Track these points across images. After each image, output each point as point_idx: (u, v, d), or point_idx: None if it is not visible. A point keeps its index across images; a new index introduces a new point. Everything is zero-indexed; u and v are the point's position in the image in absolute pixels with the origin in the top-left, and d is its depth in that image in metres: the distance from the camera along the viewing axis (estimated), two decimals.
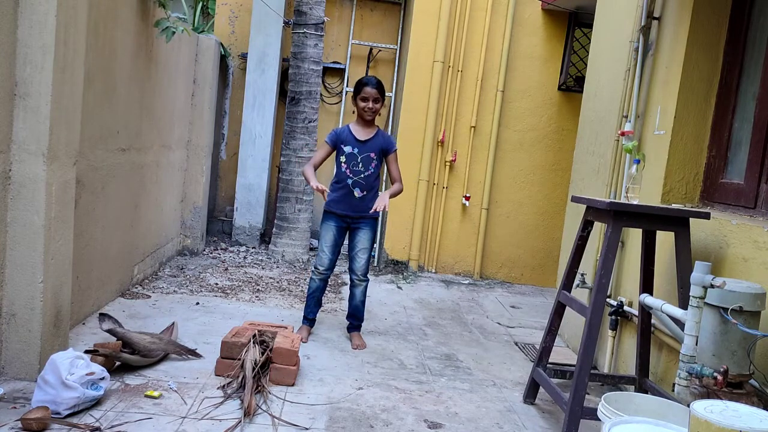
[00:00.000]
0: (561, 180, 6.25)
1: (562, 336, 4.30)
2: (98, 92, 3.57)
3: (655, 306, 2.69)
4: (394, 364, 3.66)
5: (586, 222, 3.11)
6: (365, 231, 3.85)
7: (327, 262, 3.86)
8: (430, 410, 3.04)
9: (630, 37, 3.78)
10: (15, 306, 2.75)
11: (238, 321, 4.00)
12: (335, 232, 3.84)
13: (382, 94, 3.79)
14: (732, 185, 3.01)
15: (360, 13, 6.95)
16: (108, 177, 3.85)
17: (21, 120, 2.68)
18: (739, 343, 2.27)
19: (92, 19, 3.31)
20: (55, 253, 2.84)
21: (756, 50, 2.99)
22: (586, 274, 3.78)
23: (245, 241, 6.56)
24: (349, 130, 3.82)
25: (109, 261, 4.02)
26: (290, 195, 6.12)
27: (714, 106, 3.22)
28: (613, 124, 3.90)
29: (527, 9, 6.15)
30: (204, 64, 5.79)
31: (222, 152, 7.08)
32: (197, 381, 3.05)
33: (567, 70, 6.17)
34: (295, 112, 6.15)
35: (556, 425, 3.02)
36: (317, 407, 2.92)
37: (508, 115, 6.22)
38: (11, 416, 2.46)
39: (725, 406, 1.76)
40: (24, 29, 2.66)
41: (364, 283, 3.93)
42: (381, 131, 3.88)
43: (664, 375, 3.09)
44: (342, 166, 3.77)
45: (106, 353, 2.96)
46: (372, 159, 3.79)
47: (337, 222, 3.83)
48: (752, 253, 2.54)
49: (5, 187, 2.69)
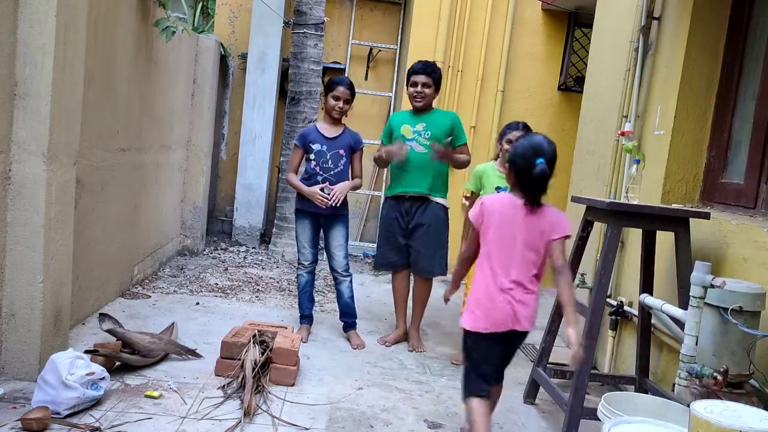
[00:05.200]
0: (561, 180, 6.22)
1: (562, 336, 4.30)
2: (98, 92, 3.57)
3: (655, 306, 2.69)
4: (394, 364, 3.66)
5: (586, 222, 3.11)
6: (338, 228, 3.88)
7: (310, 256, 3.91)
8: (430, 410, 3.04)
9: (630, 37, 3.78)
10: (15, 306, 2.74)
11: (238, 321, 4.00)
12: (311, 229, 3.88)
13: (353, 97, 3.86)
14: (732, 185, 3.01)
15: (360, 13, 6.94)
16: (108, 177, 3.85)
17: (21, 120, 2.68)
18: (739, 343, 2.27)
19: (92, 19, 3.31)
20: (55, 253, 2.84)
21: (756, 50, 2.99)
22: (586, 274, 3.78)
23: (245, 241, 6.56)
24: (317, 129, 3.86)
25: (109, 261, 4.02)
26: (290, 195, 6.11)
27: (714, 106, 3.22)
28: (613, 124, 3.90)
29: (527, 9, 6.15)
30: (204, 64, 5.79)
31: (222, 152, 7.08)
32: (197, 381, 3.05)
33: (567, 70, 6.17)
34: (295, 112, 6.15)
35: (556, 425, 3.02)
36: (317, 407, 2.92)
37: (508, 115, 6.20)
38: (11, 416, 2.46)
39: (725, 406, 1.76)
40: (24, 29, 2.66)
41: (348, 279, 3.95)
42: (348, 129, 3.92)
43: (664, 375, 3.09)
44: (312, 163, 3.80)
45: (106, 353, 2.96)
46: (341, 156, 3.81)
47: (310, 219, 3.86)
48: (752, 253, 2.54)
49: (5, 187, 2.68)
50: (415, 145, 3.85)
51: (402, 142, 3.81)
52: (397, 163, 3.83)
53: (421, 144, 3.85)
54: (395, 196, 3.92)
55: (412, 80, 3.89)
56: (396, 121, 3.98)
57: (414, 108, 3.93)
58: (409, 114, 3.98)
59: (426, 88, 3.85)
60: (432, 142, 3.80)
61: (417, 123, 3.88)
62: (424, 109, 3.91)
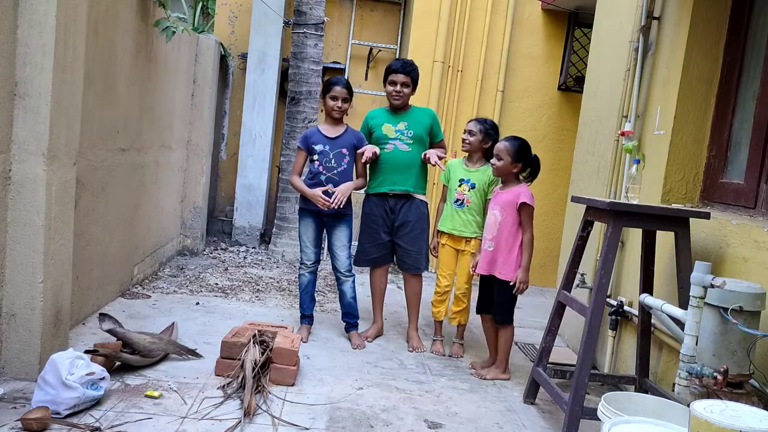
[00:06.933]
0: (561, 180, 6.25)
1: (562, 336, 4.30)
2: (98, 92, 3.57)
3: (655, 306, 2.69)
4: (394, 364, 3.66)
5: (586, 222, 3.11)
6: (341, 228, 3.88)
7: (312, 256, 3.91)
8: (430, 410, 3.04)
9: (630, 37, 3.77)
10: (15, 306, 2.74)
11: (238, 321, 4.00)
12: (314, 228, 3.89)
13: (351, 95, 3.87)
14: (732, 185, 3.01)
15: (360, 13, 6.95)
16: (108, 177, 3.85)
17: (21, 120, 2.68)
18: (739, 343, 2.27)
19: (92, 19, 3.31)
20: (55, 253, 2.84)
21: (756, 50, 2.99)
22: (586, 274, 3.78)
23: (245, 241, 6.56)
24: (318, 130, 3.87)
25: (109, 261, 4.02)
26: (290, 195, 6.12)
27: (714, 106, 3.22)
28: (613, 124, 3.90)
29: (527, 9, 6.16)
30: (204, 64, 5.79)
31: (222, 152, 7.08)
32: (197, 381, 3.05)
33: (567, 70, 6.17)
34: (295, 112, 6.16)
35: (556, 425, 3.02)
36: (317, 407, 2.92)
37: (508, 115, 6.22)
38: (11, 416, 2.46)
39: (725, 406, 1.76)
40: (24, 29, 2.66)
41: (351, 279, 3.96)
42: (350, 128, 3.93)
43: (664, 375, 3.09)
44: (315, 163, 3.81)
45: (106, 353, 2.96)
46: (344, 155, 3.82)
47: (313, 219, 3.87)
48: (752, 253, 2.54)
49: (5, 187, 2.69)
50: (399, 144, 3.89)
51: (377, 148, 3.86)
52: (381, 160, 3.90)
53: (404, 143, 3.89)
54: (379, 194, 3.95)
55: (390, 79, 3.91)
56: (375, 120, 3.99)
57: (392, 106, 3.95)
58: (387, 112, 4.00)
59: (405, 87, 3.89)
60: (419, 135, 3.90)
61: (398, 122, 3.92)
62: (402, 107, 3.94)
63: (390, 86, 3.91)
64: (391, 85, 3.91)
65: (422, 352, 3.91)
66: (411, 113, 3.97)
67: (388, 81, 3.94)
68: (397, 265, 4.13)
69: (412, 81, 3.93)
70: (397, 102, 3.91)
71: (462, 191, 3.83)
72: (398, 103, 3.91)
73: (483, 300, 3.69)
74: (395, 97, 3.90)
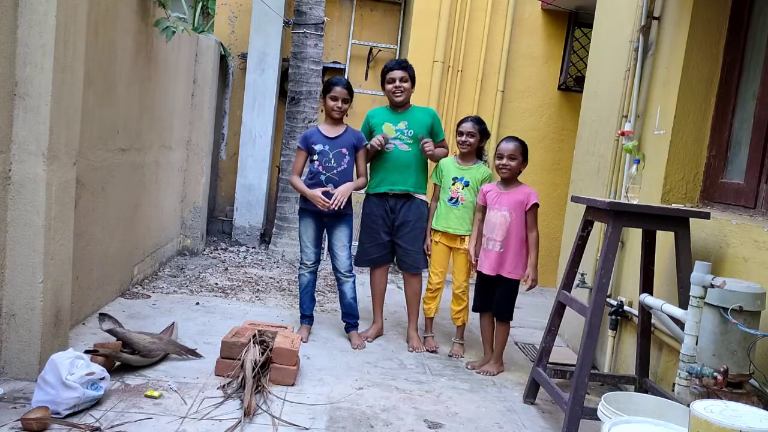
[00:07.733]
0: (561, 180, 6.25)
1: (562, 336, 4.30)
2: (98, 92, 3.57)
3: (655, 306, 2.69)
4: (394, 364, 3.66)
5: (586, 222, 3.11)
6: (341, 228, 3.88)
7: (313, 256, 3.92)
8: (430, 410, 3.04)
9: (630, 37, 3.77)
10: (15, 306, 2.74)
11: (238, 321, 4.00)
12: (314, 228, 3.89)
13: (351, 95, 3.87)
14: (732, 185, 3.01)
15: (360, 13, 6.94)
16: (108, 177, 3.85)
17: (21, 120, 2.68)
18: (739, 343, 2.27)
19: (92, 19, 3.31)
20: (55, 253, 2.84)
21: (756, 50, 2.99)
22: (586, 274, 3.78)
23: (245, 241, 6.56)
24: (318, 130, 3.88)
25: (109, 261, 4.02)
26: (290, 195, 6.12)
27: (714, 106, 3.22)
28: (613, 124, 3.90)
29: (527, 9, 6.15)
30: (204, 64, 5.79)
31: (222, 152, 7.08)
32: (197, 381, 3.05)
33: (567, 70, 6.17)
34: (295, 112, 6.16)
35: (556, 425, 3.02)
36: (317, 407, 2.92)
37: (508, 115, 6.21)
38: (11, 416, 2.46)
39: (725, 406, 1.76)
40: (24, 29, 2.66)
41: (351, 279, 3.96)
42: (350, 128, 3.93)
43: (664, 375, 3.09)
44: (315, 163, 3.81)
45: (106, 353, 2.96)
46: (344, 155, 3.81)
47: (313, 219, 3.87)
48: (752, 253, 2.54)
49: (5, 187, 2.69)
50: (399, 144, 3.90)
51: (387, 139, 3.88)
52: (381, 160, 3.91)
53: (404, 142, 3.90)
54: (379, 194, 3.95)
55: (388, 77, 3.92)
56: (376, 119, 4.00)
57: (394, 104, 3.95)
58: (388, 112, 4.00)
59: (404, 83, 3.90)
60: (420, 135, 3.89)
61: (399, 121, 3.92)
62: (403, 105, 3.95)
63: (389, 84, 3.92)
64: (390, 83, 3.91)
65: (422, 352, 3.91)
66: (411, 112, 3.97)
67: (386, 80, 3.94)
68: (396, 265, 4.14)
69: (410, 76, 3.93)
70: (399, 98, 3.90)
71: (456, 189, 3.84)
72: (400, 99, 3.90)
73: (483, 298, 3.71)
74: (396, 93, 3.89)
